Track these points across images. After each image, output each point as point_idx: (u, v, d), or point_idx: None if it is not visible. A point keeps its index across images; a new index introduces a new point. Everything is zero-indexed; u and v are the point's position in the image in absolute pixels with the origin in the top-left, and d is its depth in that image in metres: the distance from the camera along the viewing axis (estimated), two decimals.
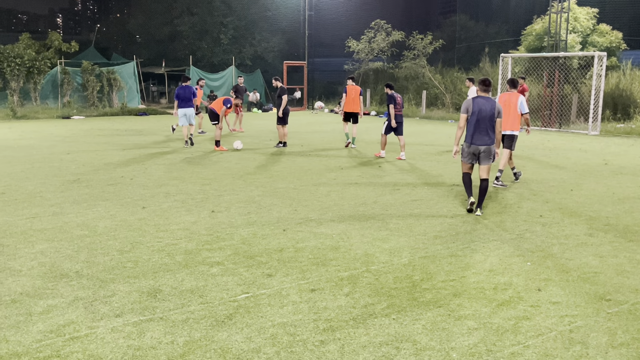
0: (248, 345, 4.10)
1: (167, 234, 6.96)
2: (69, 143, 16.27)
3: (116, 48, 41.48)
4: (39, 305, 4.76)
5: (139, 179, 10.61)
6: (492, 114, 7.95)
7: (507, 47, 27.54)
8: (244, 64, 36.83)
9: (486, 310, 4.75)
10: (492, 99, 8.12)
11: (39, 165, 12.11)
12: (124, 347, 4.04)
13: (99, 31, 46.19)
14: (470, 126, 8.07)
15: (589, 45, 23.48)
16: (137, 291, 5.09)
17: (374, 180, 10.71)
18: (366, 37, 32.61)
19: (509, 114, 10.18)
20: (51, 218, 7.67)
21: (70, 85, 28.33)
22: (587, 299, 5.03)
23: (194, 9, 37.06)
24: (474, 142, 8.05)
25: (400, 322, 4.51)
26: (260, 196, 9.19)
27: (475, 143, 8.04)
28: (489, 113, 7.94)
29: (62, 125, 22.56)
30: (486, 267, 5.83)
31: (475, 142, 8.04)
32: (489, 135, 8.00)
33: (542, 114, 22.21)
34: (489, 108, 7.95)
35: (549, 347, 4.13)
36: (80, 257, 6.01)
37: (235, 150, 14.83)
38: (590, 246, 6.61)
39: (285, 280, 5.41)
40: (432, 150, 15.18)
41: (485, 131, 7.99)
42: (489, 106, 7.96)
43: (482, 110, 7.94)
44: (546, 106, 22.17)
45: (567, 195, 9.43)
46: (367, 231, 7.15)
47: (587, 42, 23.64)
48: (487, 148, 8.01)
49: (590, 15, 23.96)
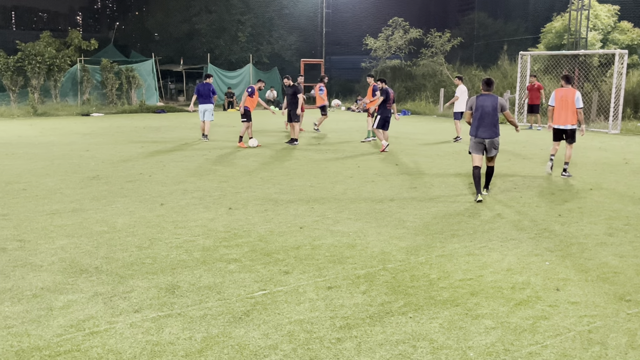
0: (265, 342, 4.12)
1: (185, 230, 7.01)
2: (88, 140, 16.44)
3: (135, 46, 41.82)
4: (59, 300, 4.82)
5: (157, 176, 10.70)
6: (494, 110, 8.73)
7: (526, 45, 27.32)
8: (261, 61, 36.94)
9: (504, 310, 4.72)
10: (494, 95, 8.85)
11: (59, 162, 12.26)
12: (142, 343, 4.09)
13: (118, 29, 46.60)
14: (475, 121, 8.85)
15: (609, 43, 23.20)
16: (156, 287, 5.14)
17: (390, 178, 10.69)
18: (384, 35, 32.53)
19: (567, 108, 10.76)
20: (71, 214, 7.76)
21: (90, 82, 28.63)
22: (607, 299, 4.98)
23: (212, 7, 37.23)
24: (479, 135, 8.82)
25: (417, 320, 4.50)
26: (277, 193, 9.22)
27: (480, 136, 8.81)
28: (490, 109, 8.73)
29: (81, 122, 22.80)
30: (504, 266, 5.80)
31: (480, 135, 8.81)
32: (492, 128, 8.77)
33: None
34: (490, 104, 8.73)
35: (567, 347, 4.10)
36: (99, 253, 6.08)
37: (253, 148, 14.89)
38: (610, 246, 6.54)
39: (302, 278, 5.42)
40: (449, 149, 15.11)
41: (488, 125, 8.76)
42: (490, 102, 8.74)
43: (485, 106, 8.73)
44: None
45: (587, 195, 9.34)
46: (383, 229, 7.14)
47: (608, 39, 23.36)
48: (491, 140, 8.81)
49: (611, 13, 23.67)
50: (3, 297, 4.88)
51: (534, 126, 20.96)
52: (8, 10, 50.19)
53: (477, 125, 8.81)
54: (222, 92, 33.47)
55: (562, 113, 10.83)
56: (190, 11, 37.78)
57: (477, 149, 8.91)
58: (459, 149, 15.11)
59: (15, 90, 26.97)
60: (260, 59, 36.92)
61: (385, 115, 14.13)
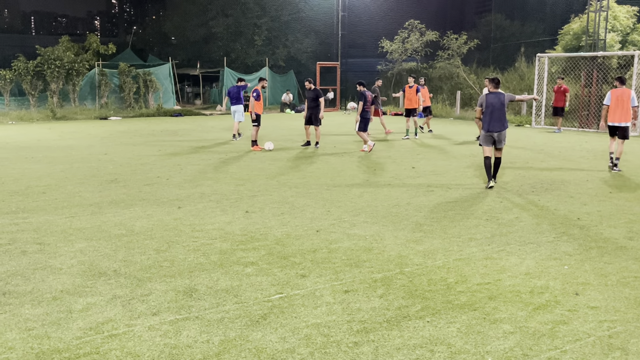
0: (282, 346, 4.13)
1: (203, 233, 7.05)
2: (107, 144, 16.59)
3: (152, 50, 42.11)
4: (78, 302, 4.87)
5: (174, 179, 10.77)
6: (502, 105, 9.81)
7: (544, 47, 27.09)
8: (277, 65, 37.03)
9: (522, 314, 4.69)
10: (501, 92, 9.91)
11: (77, 166, 12.38)
12: (160, 346, 4.11)
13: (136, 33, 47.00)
14: (486, 117, 9.93)
15: (629, 44, 22.93)
16: (174, 290, 5.17)
17: (407, 181, 10.66)
18: (399, 37, 32.45)
19: (622, 107, 11.83)
20: (90, 217, 7.84)
21: (108, 86, 28.89)
22: (627, 303, 4.92)
23: (228, 11, 37.39)
24: (490, 129, 9.89)
25: (434, 324, 4.49)
26: (294, 197, 9.24)
27: (491, 130, 9.87)
28: (498, 105, 9.80)
29: (99, 126, 23.02)
30: (522, 270, 5.75)
31: (491, 130, 9.87)
32: (501, 122, 9.82)
33: (580, 115, 21.79)
34: (498, 101, 9.81)
35: (587, 352, 4.05)
36: (118, 256, 6.13)
37: (268, 151, 14.93)
38: (630, 250, 6.46)
39: (318, 281, 5.42)
40: (466, 152, 15.03)
41: (498, 119, 9.82)
42: (498, 100, 9.82)
43: (494, 104, 9.82)
44: (584, 107, 21.75)
45: (606, 198, 9.24)
46: (400, 233, 7.12)
47: (627, 41, 23.09)
48: (499, 133, 9.86)
49: (630, 14, 23.39)
50: (23, 299, 4.93)
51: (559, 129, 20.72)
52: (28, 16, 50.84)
53: (488, 120, 9.87)
54: None
55: (617, 111, 11.87)
56: (207, 15, 37.98)
57: (488, 141, 9.95)
58: (477, 151, 15.02)
59: (34, 94, 27.30)
60: (276, 62, 37.01)
61: (364, 117, 14.75)
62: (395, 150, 15.37)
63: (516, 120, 24.05)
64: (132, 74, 29.23)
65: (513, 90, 27.03)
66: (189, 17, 38.94)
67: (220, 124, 24.33)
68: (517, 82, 27.34)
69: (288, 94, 33.31)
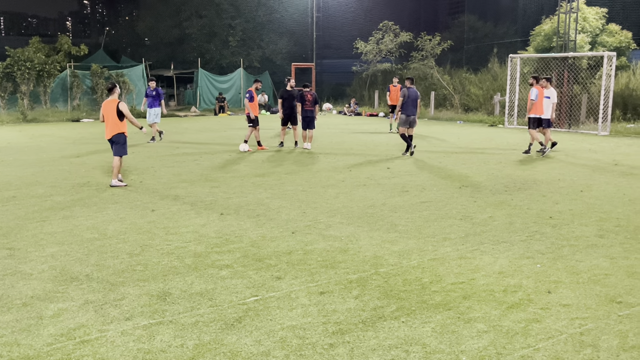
0: (257, 349, 4.10)
1: (177, 237, 6.98)
2: (79, 146, 16.36)
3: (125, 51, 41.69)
4: (49, 308, 4.79)
5: (148, 182, 10.66)
6: (416, 98, 14.23)
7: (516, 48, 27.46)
8: (252, 66, 36.93)
9: (496, 313, 4.73)
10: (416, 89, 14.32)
11: (49, 169, 12.19)
12: (134, 351, 4.06)
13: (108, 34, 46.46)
14: (407, 105, 14.03)
15: (598, 45, 23.35)
16: (147, 294, 5.11)
17: (382, 182, 10.70)
18: (374, 39, 32.61)
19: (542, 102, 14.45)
20: (61, 221, 7.72)
21: (80, 88, 28.51)
22: (598, 301, 5.00)
23: (202, 12, 37.19)
24: (409, 114, 14.06)
25: (409, 325, 4.50)
26: (269, 199, 9.21)
27: (409, 114, 14.07)
28: (414, 97, 14.16)
29: (71, 128, 22.70)
30: (496, 269, 5.81)
31: (410, 114, 14.07)
32: (415, 109, 14.15)
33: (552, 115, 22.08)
34: (415, 95, 14.19)
35: (559, 350, 4.10)
36: (90, 261, 6.04)
37: (243, 153, 14.86)
38: (601, 248, 6.57)
39: (294, 283, 5.41)
40: (440, 152, 15.15)
41: (414, 107, 14.13)
42: (415, 94, 14.22)
43: (411, 96, 14.11)
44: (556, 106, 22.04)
45: (577, 196, 9.38)
46: (375, 233, 7.14)
47: (597, 42, 23.51)
48: (414, 118, 14.15)
49: (599, 15, 23.82)
50: None
51: None
52: None
53: (407, 107, 14.02)
54: (214, 96, 33.43)
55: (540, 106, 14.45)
56: (180, 16, 37.73)
57: (407, 123, 14.08)
58: (451, 151, 15.15)
59: (4, 96, 26.82)
60: (251, 64, 36.91)
61: (307, 116, 15.69)
62: (370, 150, 15.42)
63: (489, 121, 24.33)
64: (104, 76, 28.90)
65: (486, 90, 27.33)
66: (163, 18, 38.65)
67: (194, 125, 24.17)
68: (490, 82, 27.65)
69: (263, 95, 33.21)
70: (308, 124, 15.64)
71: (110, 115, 10.09)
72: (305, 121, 15.67)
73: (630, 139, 18.37)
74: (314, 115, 15.64)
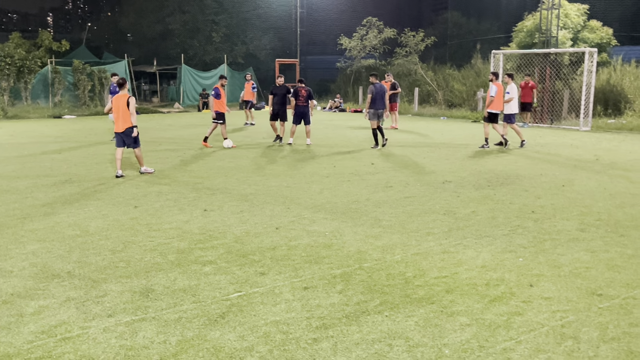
0: (241, 344, 4.10)
1: (160, 233, 6.94)
2: (61, 143, 16.20)
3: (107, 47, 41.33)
4: (30, 306, 4.74)
5: (131, 178, 10.58)
6: (384, 93, 14.78)
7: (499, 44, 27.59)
8: (236, 62, 36.78)
9: (478, 306, 4.76)
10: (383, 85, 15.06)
11: (30, 166, 12.06)
12: (116, 347, 4.03)
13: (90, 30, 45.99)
14: (377, 100, 14.57)
15: (579, 42, 23.55)
16: (130, 291, 5.08)
17: (366, 177, 10.72)
18: (358, 35, 32.60)
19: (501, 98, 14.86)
20: (43, 218, 7.64)
21: (62, 84, 28.20)
22: (579, 293, 5.05)
23: (185, 7, 36.95)
24: (377, 108, 14.61)
25: (393, 319, 4.52)
26: (253, 194, 9.19)
27: (378, 108, 14.62)
28: (382, 93, 14.68)
29: (53, 124, 22.46)
30: (478, 263, 5.85)
31: (378, 108, 14.62)
32: (384, 104, 14.70)
33: (534, 110, 22.27)
34: (382, 90, 14.75)
35: (540, 342, 4.14)
36: (72, 257, 5.99)
37: (228, 149, 14.81)
38: (582, 241, 6.64)
39: (278, 279, 5.40)
40: (424, 147, 15.21)
41: (382, 102, 14.66)
42: (382, 89, 14.79)
43: (380, 91, 14.68)
44: (538, 102, 22.24)
45: (559, 191, 9.47)
46: (359, 228, 7.15)
47: (578, 38, 23.71)
48: (383, 110, 14.71)
49: (580, 12, 24.02)
50: None
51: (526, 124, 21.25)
52: None
53: (376, 102, 14.55)
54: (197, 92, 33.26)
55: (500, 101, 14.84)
56: (163, 11, 37.44)
57: (376, 117, 14.62)
58: (434, 146, 15.21)
59: None
60: (235, 59, 36.74)
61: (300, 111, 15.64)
62: (354, 146, 15.43)
63: (472, 117, 24.44)
64: (86, 72, 28.61)
65: (470, 86, 27.47)
66: (145, 13, 38.33)
67: (178, 122, 24.04)
68: (473, 78, 27.78)
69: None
70: (301, 119, 15.63)
71: (121, 109, 10.53)
72: (299, 116, 15.64)
73: (611, 134, 18.57)
74: (308, 111, 15.63)
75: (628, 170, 11.46)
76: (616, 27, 24.58)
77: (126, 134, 10.70)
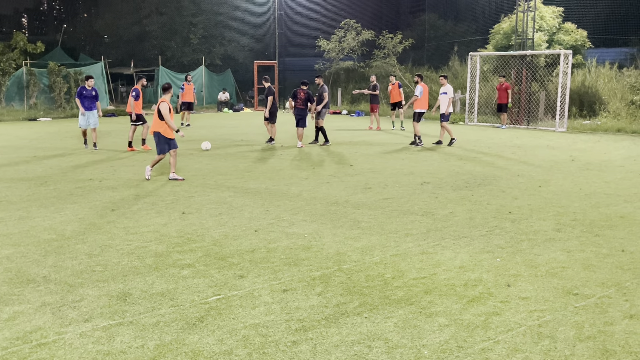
0: (219, 348, 4.07)
1: (137, 236, 6.88)
2: (36, 145, 15.97)
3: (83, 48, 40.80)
4: (4, 311, 4.66)
5: (107, 182, 10.47)
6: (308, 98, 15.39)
7: (476, 46, 27.83)
8: (214, 63, 36.59)
9: (457, 307, 4.79)
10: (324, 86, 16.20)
11: (4, 169, 11.86)
12: (93, 353, 3.98)
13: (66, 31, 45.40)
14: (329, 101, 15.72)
15: (555, 44, 23.85)
16: (107, 295, 5.02)
17: (345, 179, 10.73)
18: (336, 37, 32.64)
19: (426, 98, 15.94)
20: (17, 222, 7.52)
21: (37, 86, 27.78)
22: (555, 293, 5.11)
23: (162, 9, 36.67)
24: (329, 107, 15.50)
25: (372, 320, 4.53)
26: (232, 197, 9.14)
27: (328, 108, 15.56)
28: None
29: (28, 127, 22.13)
30: (456, 264, 5.89)
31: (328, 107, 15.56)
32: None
33: (510, 111, 22.51)
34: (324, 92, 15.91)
35: (518, 342, 4.18)
36: (47, 262, 5.90)
37: (205, 151, 14.73)
38: (558, 241, 6.72)
39: (257, 281, 5.38)
40: (401, 149, 15.28)
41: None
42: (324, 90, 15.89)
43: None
44: (514, 103, 22.48)
45: (536, 192, 9.57)
46: (338, 230, 7.16)
47: (553, 40, 24.01)
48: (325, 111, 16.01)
49: (556, 14, 24.33)
50: None
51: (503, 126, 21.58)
52: None
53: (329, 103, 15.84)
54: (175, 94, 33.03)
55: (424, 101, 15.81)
56: (140, 13, 37.11)
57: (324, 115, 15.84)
58: (412, 150, 15.29)
59: None
60: (212, 61, 36.55)
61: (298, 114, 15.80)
62: (333, 147, 15.45)
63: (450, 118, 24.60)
64: (62, 74, 28.22)
65: None
66: (122, 15, 37.96)
67: None
68: (451, 80, 27.91)
69: (225, 92, 32.97)
70: (298, 121, 15.71)
71: (156, 113, 10.56)
72: (296, 119, 15.83)
73: (586, 135, 18.84)
74: (305, 114, 15.71)
75: (603, 171, 11.64)
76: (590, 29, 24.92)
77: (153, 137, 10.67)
